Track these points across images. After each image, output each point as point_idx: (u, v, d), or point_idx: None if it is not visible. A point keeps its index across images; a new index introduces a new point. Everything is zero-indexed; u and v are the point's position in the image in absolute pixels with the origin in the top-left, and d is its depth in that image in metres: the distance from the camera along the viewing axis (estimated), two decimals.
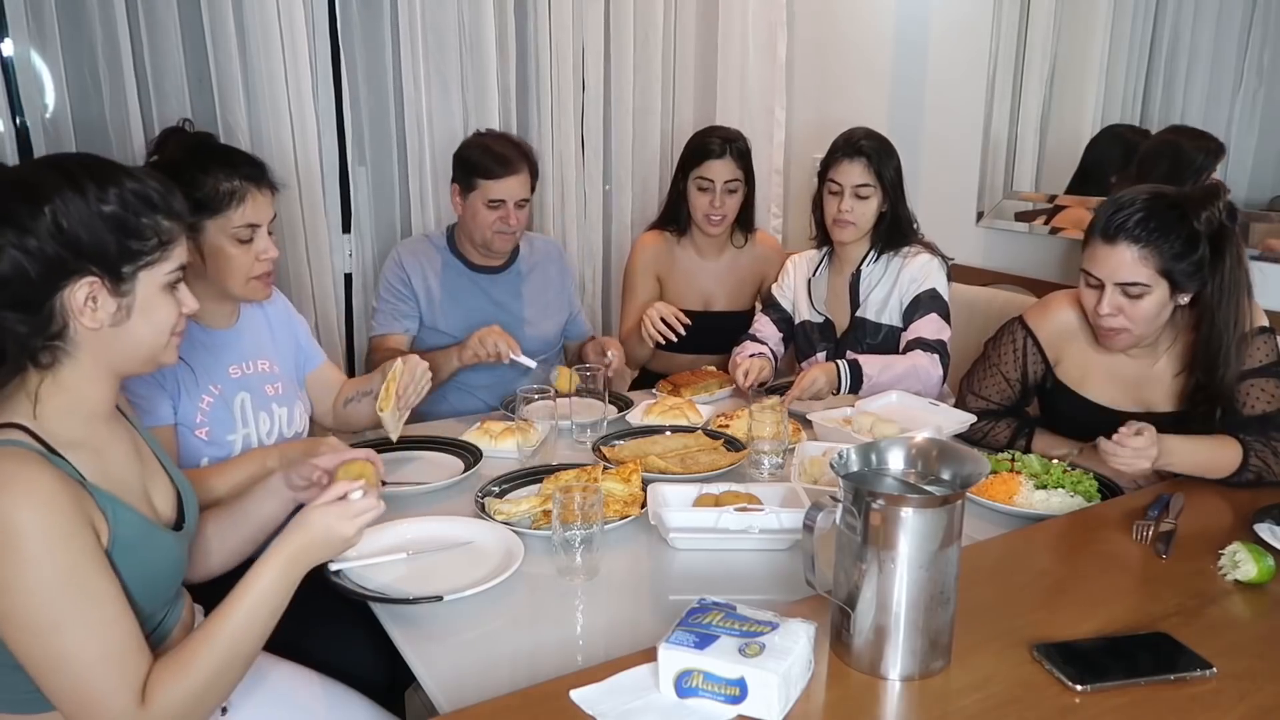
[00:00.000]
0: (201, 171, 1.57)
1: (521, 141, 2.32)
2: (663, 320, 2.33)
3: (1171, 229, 1.61)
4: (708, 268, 2.68)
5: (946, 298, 2.26)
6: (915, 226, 2.35)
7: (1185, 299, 1.67)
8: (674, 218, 2.65)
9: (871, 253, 2.32)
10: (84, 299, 1.07)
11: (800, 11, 3.29)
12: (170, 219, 1.13)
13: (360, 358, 2.80)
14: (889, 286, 2.30)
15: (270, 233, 1.67)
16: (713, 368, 2.45)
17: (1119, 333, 1.70)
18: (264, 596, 1.12)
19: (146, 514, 1.17)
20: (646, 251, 2.69)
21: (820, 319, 2.40)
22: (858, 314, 2.32)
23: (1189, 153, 2.22)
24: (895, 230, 2.30)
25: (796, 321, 2.45)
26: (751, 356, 2.31)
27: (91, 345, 1.10)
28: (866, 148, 2.24)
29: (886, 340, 2.29)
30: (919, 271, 2.26)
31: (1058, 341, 1.87)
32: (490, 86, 2.83)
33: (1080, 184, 2.54)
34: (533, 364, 2.12)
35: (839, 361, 2.17)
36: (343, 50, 2.69)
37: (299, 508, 1.25)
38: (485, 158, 2.23)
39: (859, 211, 2.25)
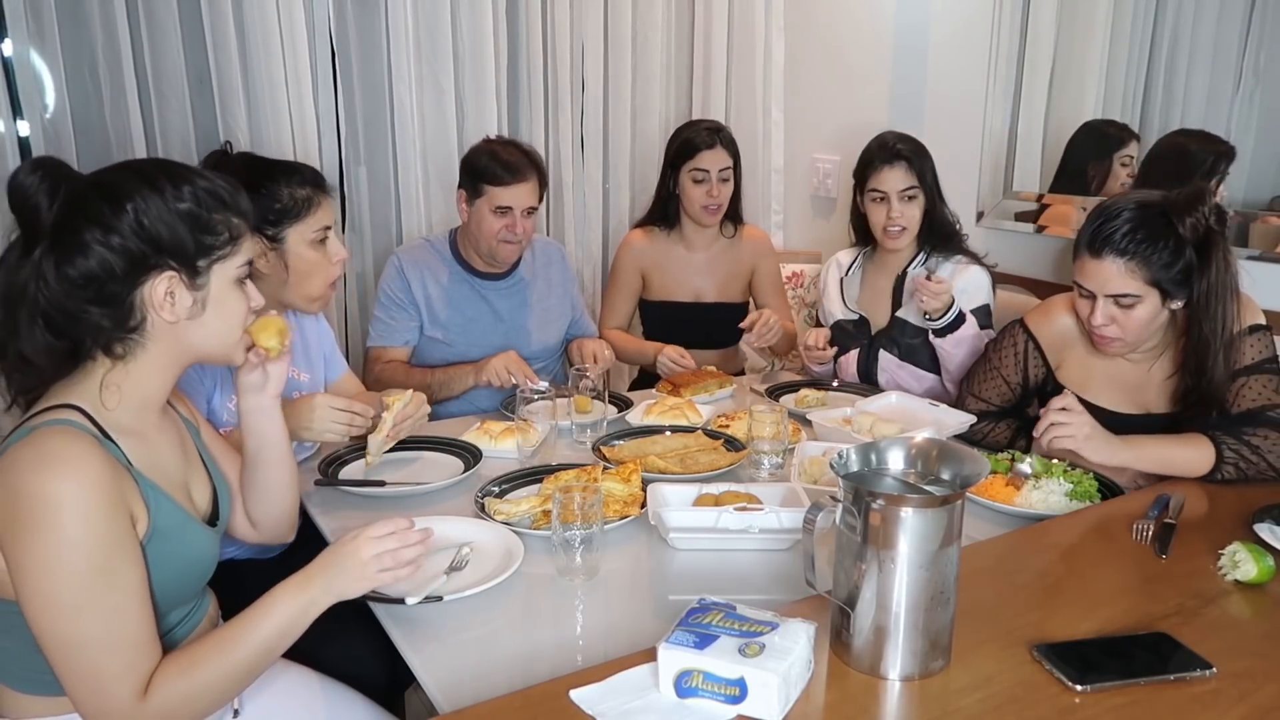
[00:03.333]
0: (273, 183, 1.64)
1: (531, 149, 2.31)
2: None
3: (1158, 239, 1.62)
4: (697, 261, 2.70)
5: (993, 310, 2.27)
6: (959, 228, 2.34)
7: (1179, 304, 1.67)
8: (662, 215, 2.67)
9: (920, 255, 2.32)
10: (164, 293, 1.12)
11: (800, 11, 3.29)
12: (239, 215, 1.19)
13: (357, 356, 2.80)
14: None
15: (339, 235, 1.75)
16: (712, 368, 2.46)
17: (1113, 341, 1.71)
18: (281, 622, 1.13)
19: (185, 505, 1.21)
20: (632, 249, 2.71)
21: (854, 316, 2.39)
22: (898, 314, 2.32)
23: (1197, 155, 2.22)
24: (940, 232, 2.30)
25: (829, 323, 2.45)
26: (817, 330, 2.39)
27: (166, 338, 1.15)
28: (904, 151, 2.24)
29: (924, 345, 2.27)
30: (970, 284, 2.25)
31: (1059, 345, 1.87)
32: (486, 87, 2.83)
33: (1063, 182, 2.55)
34: (544, 386, 2.11)
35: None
36: (337, 50, 2.68)
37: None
38: (493, 164, 2.21)
39: (909, 215, 2.26)
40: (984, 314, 2.23)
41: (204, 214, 1.14)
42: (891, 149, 2.25)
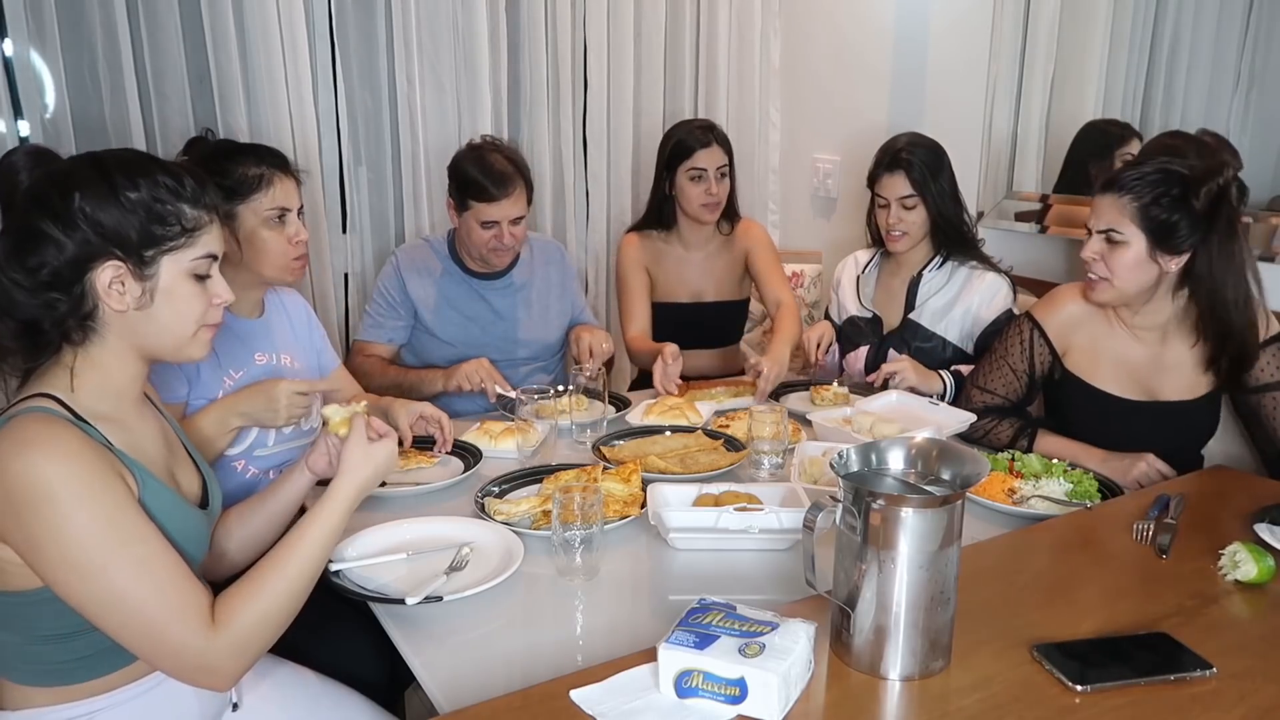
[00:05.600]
0: (229, 161, 1.68)
1: (516, 156, 2.28)
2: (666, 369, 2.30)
3: (1160, 186, 1.66)
4: (695, 261, 2.70)
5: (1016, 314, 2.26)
6: (976, 233, 2.35)
7: (1173, 265, 1.69)
8: (658, 218, 2.67)
9: (935, 259, 2.32)
10: (109, 281, 1.13)
11: (801, 11, 3.29)
12: (197, 208, 1.19)
13: None
14: (950, 297, 2.29)
15: (300, 218, 1.76)
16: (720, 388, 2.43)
17: (1100, 282, 1.74)
18: (326, 527, 1.20)
19: (171, 487, 1.22)
20: (632, 248, 2.71)
21: (868, 314, 2.40)
22: (911, 316, 2.32)
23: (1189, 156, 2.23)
24: (956, 238, 2.30)
25: (841, 319, 2.46)
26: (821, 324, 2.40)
27: (118, 327, 1.16)
28: (905, 160, 2.24)
29: (935, 350, 2.27)
30: (988, 293, 2.25)
31: (1065, 332, 1.89)
32: (487, 87, 2.83)
33: (1067, 181, 2.55)
34: (515, 393, 2.09)
35: (942, 373, 2.17)
36: (338, 49, 2.68)
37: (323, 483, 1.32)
38: (480, 178, 2.18)
39: (909, 221, 2.27)
40: (1008, 319, 2.21)
41: (155, 204, 1.14)
42: (895, 156, 2.25)
